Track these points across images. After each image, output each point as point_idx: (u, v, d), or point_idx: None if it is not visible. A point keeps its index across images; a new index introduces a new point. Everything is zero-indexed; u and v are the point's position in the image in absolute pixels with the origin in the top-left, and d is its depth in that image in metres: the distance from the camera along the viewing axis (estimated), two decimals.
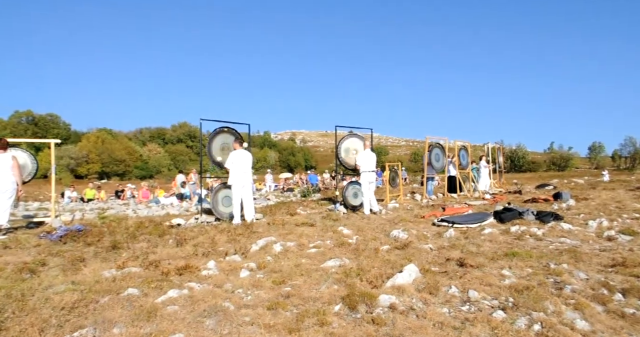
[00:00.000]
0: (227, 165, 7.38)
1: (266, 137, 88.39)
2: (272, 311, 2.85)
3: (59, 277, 3.73)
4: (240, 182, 7.27)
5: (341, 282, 3.50)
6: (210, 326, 2.59)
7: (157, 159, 58.78)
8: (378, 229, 6.47)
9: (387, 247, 4.94)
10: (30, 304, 2.89)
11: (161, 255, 4.69)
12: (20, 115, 58.32)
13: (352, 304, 2.90)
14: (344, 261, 4.23)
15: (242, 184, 7.30)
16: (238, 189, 7.27)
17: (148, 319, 2.63)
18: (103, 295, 3.14)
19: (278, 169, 57.21)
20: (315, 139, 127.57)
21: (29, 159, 7.80)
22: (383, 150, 76.23)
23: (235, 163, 7.27)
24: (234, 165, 7.27)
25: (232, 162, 7.28)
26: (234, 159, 7.29)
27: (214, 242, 5.36)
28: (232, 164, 7.28)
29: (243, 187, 7.32)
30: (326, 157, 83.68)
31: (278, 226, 6.59)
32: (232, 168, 7.28)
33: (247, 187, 7.41)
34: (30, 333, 2.36)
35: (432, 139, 12.36)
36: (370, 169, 8.72)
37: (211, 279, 3.67)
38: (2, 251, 5.03)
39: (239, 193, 7.28)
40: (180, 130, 73.71)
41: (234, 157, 7.30)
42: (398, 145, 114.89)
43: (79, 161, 49.40)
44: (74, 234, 5.73)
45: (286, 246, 5.02)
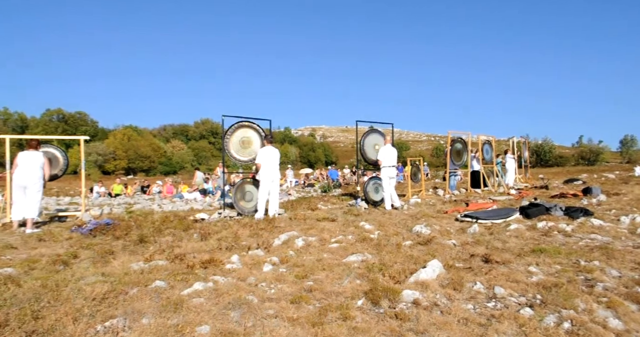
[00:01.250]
0: (257, 161, 7.54)
1: (286, 133, 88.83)
2: (295, 304, 2.88)
3: (90, 269, 3.86)
4: (269, 177, 7.41)
5: (363, 277, 3.50)
6: (234, 318, 2.64)
7: (181, 155, 59.95)
8: (400, 224, 6.42)
9: (409, 242, 4.90)
10: (64, 294, 3.00)
11: (186, 249, 4.78)
12: (52, 113, 60.51)
13: (375, 299, 2.89)
14: (366, 256, 4.22)
15: (271, 179, 7.46)
16: (267, 184, 7.41)
17: (175, 311, 2.70)
18: (132, 287, 3.23)
19: (298, 165, 57.43)
20: (336, 134, 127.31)
21: (60, 156, 8.09)
22: (404, 146, 75.41)
23: (265, 159, 7.43)
24: (264, 160, 7.43)
25: (263, 158, 7.45)
26: (264, 155, 7.47)
27: (237, 237, 5.44)
28: (261, 159, 7.45)
29: (272, 182, 7.47)
30: (346, 153, 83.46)
31: (300, 221, 6.63)
32: (262, 163, 7.44)
33: (275, 182, 7.55)
34: (64, 322, 2.46)
35: (455, 133, 12.14)
36: (391, 164, 8.66)
37: (235, 273, 3.72)
38: (37, 244, 5.25)
39: (267, 188, 7.42)
40: (202, 127, 74.90)
41: (264, 153, 7.48)
42: (419, 140, 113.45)
43: (107, 157, 50.89)
44: (103, 228, 5.92)
45: (308, 240, 5.05)
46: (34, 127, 54.56)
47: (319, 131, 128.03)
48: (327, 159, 74.80)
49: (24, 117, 59.16)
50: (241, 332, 2.42)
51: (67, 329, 2.38)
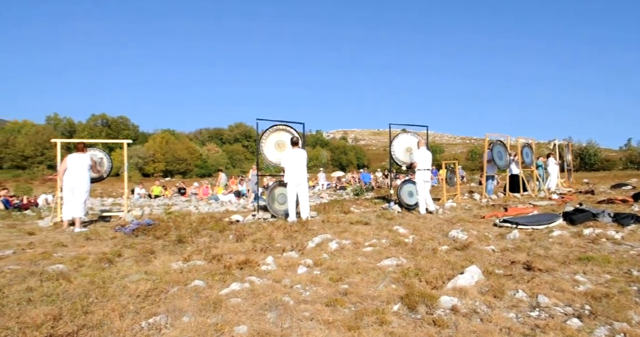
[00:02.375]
0: (282, 164, 7.54)
1: (318, 136, 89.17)
2: (330, 307, 2.88)
3: (133, 268, 4.02)
4: (295, 180, 7.39)
5: (399, 282, 3.45)
6: (271, 319, 2.67)
7: (216, 158, 61.46)
8: (435, 228, 6.30)
9: (445, 247, 4.79)
10: (110, 291, 3.15)
11: (222, 249, 4.89)
12: (96, 118, 63.70)
13: (411, 305, 2.84)
14: (401, 261, 4.17)
15: (298, 182, 7.41)
16: (293, 187, 7.39)
17: (214, 310, 2.76)
18: (172, 285, 3.34)
19: (330, 168, 57.50)
20: (368, 137, 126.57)
21: (105, 158, 8.50)
22: (438, 149, 73.91)
23: (290, 161, 7.40)
24: (289, 163, 7.41)
25: (287, 160, 7.42)
26: (288, 157, 7.43)
27: (272, 239, 5.51)
28: (286, 162, 7.43)
29: (298, 185, 7.43)
30: (378, 156, 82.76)
31: (333, 224, 6.63)
32: (287, 166, 7.42)
33: (302, 185, 7.51)
34: (112, 317, 2.58)
35: (492, 136, 11.78)
36: (426, 167, 8.50)
37: (270, 274, 3.77)
38: (85, 242, 5.53)
39: (294, 191, 7.41)
40: (236, 131, 76.50)
41: (289, 156, 7.44)
42: (454, 143, 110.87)
43: (146, 160, 52.92)
44: (144, 228, 6.16)
45: (342, 243, 5.04)
46: (81, 131, 57.59)
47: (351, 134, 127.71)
48: (358, 162, 74.48)
49: (72, 122, 62.59)
50: (278, 334, 2.44)
51: (114, 324, 2.49)
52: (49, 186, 21.49)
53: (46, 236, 6.13)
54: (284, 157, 7.55)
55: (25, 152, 50.31)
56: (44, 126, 57.58)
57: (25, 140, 51.18)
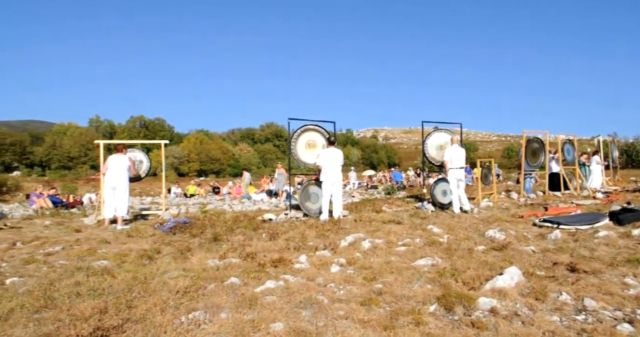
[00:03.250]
0: (318, 163, 7.59)
1: (348, 134, 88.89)
2: (365, 306, 2.86)
3: (172, 264, 4.16)
4: (330, 179, 7.42)
5: (435, 282, 3.39)
6: (306, 317, 2.69)
7: (247, 157, 62.51)
8: (471, 228, 6.13)
9: (482, 247, 4.66)
10: (151, 286, 3.27)
11: (256, 248, 4.97)
12: (135, 120, 66.34)
13: (448, 305, 2.79)
14: (436, 260, 4.09)
15: (333, 181, 7.45)
16: (328, 186, 7.43)
17: (250, 307, 2.81)
18: (209, 282, 3.43)
19: (361, 167, 57.17)
20: (399, 135, 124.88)
21: (144, 159, 8.84)
22: (472, 146, 71.91)
23: (325, 160, 7.44)
24: (325, 162, 7.45)
25: (324, 159, 7.47)
26: (324, 156, 7.48)
27: (304, 237, 5.54)
28: (322, 161, 7.47)
29: (333, 184, 7.47)
30: (410, 154, 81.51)
31: (365, 223, 6.59)
32: (323, 165, 7.47)
33: (337, 184, 7.54)
34: (154, 312, 2.68)
35: (530, 132, 11.33)
36: (459, 165, 8.29)
37: (304, 273, 3.79)
38: (126, 239, 5.77)
39: (329, 190, 7.44)
40: (268, 130, 77.48)
41: (325, 155, 7.48)
42: (489, 141, 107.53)
43: (181, 160, 54.57)
44: (181, 226, 6.35)
45: (374, 242, 5.00)
46: (120, 133, 60.11)
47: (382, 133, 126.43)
48: (389, 160, 73.65)
49: (112, 124, 65.50)
50: (313, 332, 2.46)
51: (156, 318, 2.59)
52: (92, 185, 22.60)
53: (91, 233, 6.44)
54: (320, 156, 7.59)
55: (70, 153, 53.13)
56: (87, 128, 60.62)
57: (71, 142, 54.04)
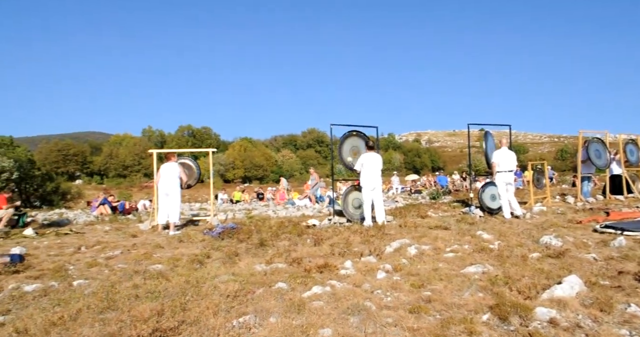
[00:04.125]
0: (357, 168, 7.55)
1: (390, 139, 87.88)
2: (414, 314, 2.81)
3: (221, 269, 4.29)
4: (370, 185, 7.34)
5: (486, 290, 3.26)
6: (354, 323, 2.68)
7: (290, 163, 63.45)
8: (523, 234, 5.84)
9: (536, 254, 4.43)
10: (203, 290, 3.40)
11: (302, 253, 5.02)
12: (183, 129, 69.52)
13: (502, 315, 2.67)
14: (487, 268, 3.94)
15: (373, 186, 7.36)
16: (368, 191, 7.36)
17: (298, 312, 2.85)
18: (258, 286, 3.50)
19: (404, 171, 56.25)
20: (442, 139, 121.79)
21: (194, 166, 9.23)
22: (522, 148, 68.69)
23: (365, 165, 7.38)
24: (364, 167, 7.39)
25: (362, 165, 7.41)
26: (364, 161, 7.41)
27: (349, 243, 5.52)
28: (362, 166, 7.42)
29: (373, 190, 7.38)
30: (454, 158, 79.12)
31: (410, 229, 6.47)
32: (362, 170, 7.42)
33: (377, 190, 7.45)
34: (206, 315, 2.78)
35: (587, 133, 10.66)
36: (508, 168, 7.94)
37: (350, 279, 3.78)
38: (178, 244, 6.03)
39: (369, 195, 7.36)
40: (309, 136, 78.29)
41: (364, 160, 7.42)
42: (540, 142, 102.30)
43: (227, 167, 56.32)
44: (229, 232, 6.55)
45: (421, 249, 4.90)
46: (170, 142, 63.15)
47: (424, 136, 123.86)
48: (433, 164, 71.94)
49: (163, 133, 69.07)
50: None
51: (209, 321, 2.68)
52: (145, 192, 23.84)
53: (146, 238, 6.80)
54: (359, 161, 7.55)
55: (125, 161, 56.50)
56: (140, 138, 64.28)
57: (126, 151, 57.48)
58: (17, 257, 4.76)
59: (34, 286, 3.73)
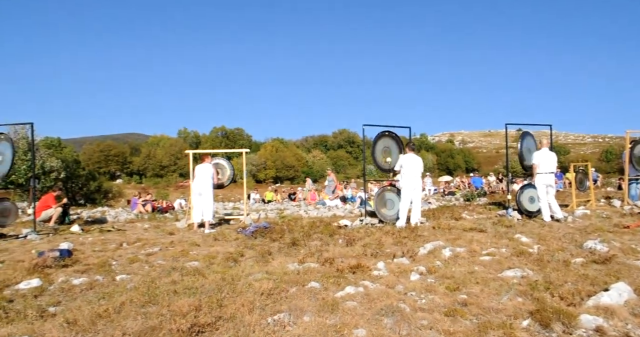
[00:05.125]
0: (397, 169, 7.52)
1: (423, 139, 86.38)
2: (450, 317, 2.76)
3: (255, 267, 4.37)
4: (411, 185, 7.30)
5: (526, 295, 3.15)
6: (388, 325, 2.66)
7: (320, 164, 63.58)
8: (565, 238, 5.60)
9: (580, 259, 4.23)
10: (238, 287, 3.47)
11: (333, 253, 5.02)
12: (217, 130, 71.23)
13: (544, 321, 2.57)
14: (527, 272, 3.80)
15: (413, 187, 7.32)
16: (408, 192, 7.31)
17: (332, 312, 2.86)
18: (291, 285, 3.54)
19: (436, 172, 55.15)
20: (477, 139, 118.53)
21: (228, 167, 9.44)
22: (563, 149, 65.74)
23: (405, 166, 7.35)
24: (404, 168, 7.36)
25: (402, 166, 7.39)
26: (404, 163, 7.39)
27: (381, 244, 5.48)
28: (402, 167, 7.39)
29: (414, 190, 7.33)
30: (490, 159, 76.79)
31: (444, 231, 6.35)
32: (402, 171, 7.39)
33: (417, 191, 7.40)
34: (242, 312, 2.84)
35: (635, 133, 10.07)
36: (549, 170, 7.63)
37: (382, 280, 3.76)
38: (213, 242, 6.19)
39: (408, 196, 7.31)
40: (340, 137, 78.20)
41: (404, 161, 7.40)
42: (582, 143, 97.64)
43: (259, 167, 57.19)
44: (262, 231, 6.65)
45: (455, 251, 4.79)
46: (204, 143, 64.86)
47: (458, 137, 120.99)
48: (467, 165, 70.12)
49: (198, 134, 71.03)
50: None
51: (245, 318, 2.74)
52: (181, 192, 24.61)
53: (183, 235, 7.02)
54: (399, 162, 7.52)
55: (162, 162, 58.54)
56: (176, 139, 66.38)
57: (162, 152, 59.56)
58: (65, 252, 5.03)
59: (81, 280, 3.94)
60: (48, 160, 15.88)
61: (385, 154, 8.13)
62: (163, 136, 67.41)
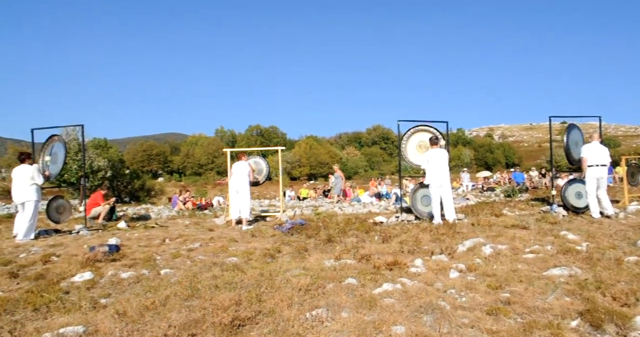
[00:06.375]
0: (423, 165, 7.35)
1: (460, 134, 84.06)
2: (492, 316, 2.68)
3: (292, 263, 4.43)
4: (438, 182, 7.10)
5: (574, 295, 3.01)
6: (428, 322, 2.62)
7: (355, 161, 63.34)
8: (616, 235, 5.29)
9: (634, 258, 3.99)
10: (276, 283, 3.53)
11: (370, 250, 5.00)
12: (252, 129, 72.57)
13: (595, 322, 2.45)
14: (574, 271, 3.63)
15: (440, 183, 7.11)
16: (436, 188, 7.11)
17: (370, 308, 2.85)
18: (328, 281, 3.56)
19: (474, 168, 53.55)
20: (518, 133, 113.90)
21: (264, 165, 9.60)
22: (612, 142, 61.95)
23: (430, 161, 7.16)
24: (429, 164, 7.17)
25: (428, 161, 7.19)
26: (429, 158, 7.19)
27: (418, 241, 5.40)
28: (427, 162, 7.20)
29: (441, 187, 7.12)
30: (532, 153, 73.62)
31: (484, 227, 6.15)
32: (428, 167, 7.20)
33: (445, 186, 7.17)
34: (281, 306, 2.89)
35: None
36: (601, 163, 7.20)
37: (420, 277, 3.70)
38: (250, 238, 6.33)
39: (437, 192, 7.12)
40: (374, 133, 77.55)
41: (430, 156, 7.20)
42: (634, 135, 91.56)
43: (293, 165, 57.75)
44: (298, 227, 6.72)
45: (497, 248, 4.64)
46: (240, 141, 66.29)
47: (497, 131, 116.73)
48: (507, 160, 67.58)
49: (234, 133, 72.66)
50: None
51: (283, 313, 2.79)
52: (219, 189, 25.30)
53: (221, 232, 7.22)
54: (424, 157, 7.33)
55: (200, 160, 60.40)
56: (213, 138, 68.24)
57: (201, 151, 61.45)
58: (114, 247, 5.31)
59: (129, 274, 4.14)
60: (96, 160, 16.75)
61: (421, 149, 7.98)
62: (201, 135, 69.54)
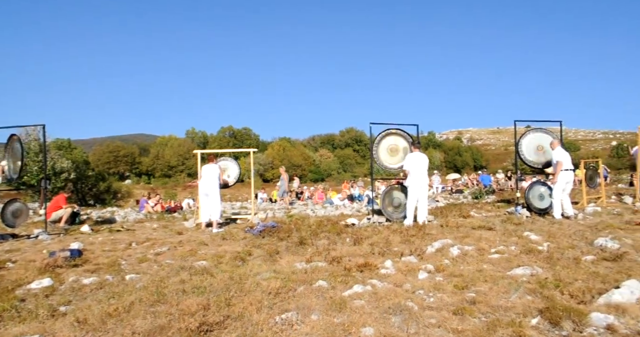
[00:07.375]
0: (406, 168, 7.47)
1: (430, 137, 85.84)
2: (458, 315, 2.74)
3: (263, 266, 4.38)
4: (418, 184, 7.26)
5: (535, 293, 3.13)
6: (396, 323, 2.65)
7: (328, 163, 63.55)
8: (575, 235, 5.53)
9: (591, 257, 4.19)
10: (246, 286, 3.49)
11: (341, 252, 5.02)
12: (224, 130, 71.47)
13: (553, 319, 2.55)
14: (536, 270, 3.77)
15: (420, 186, 7.28)
16: (415, 191, 7.26)
17: (340, 310, 2.86)
18: (299, 284, 3.55)
19: (444, 170, 54.81)
20: (485, 136, 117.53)
21: (235, 167, 9.47)
22: (573, 146, 64.90)
23: (413, 164, 7.31)
24: (412, 166, 7.32)
25: (411, 164, 7.35)
26: (412, 161, 7.35)
27: (389, 242, 5.47)
28: (409, 165, 7.36)
29: (421, 189, 7.29)
30: (498, 156, 76.10)
31: (452, 229, 6.31)
32: (411, 170, 7.35)
33: (423, 189, 7.35)
34: (250, 311, 2.85)
35: None
36: (571, 167, 7.62)
37: (390, 278, 3.75)
38: (221, 241, 6.22)
39: (415, 194, 7.27)
40: (347, 135, 78.02)
41: (412, 159, 7.36)
42: (593, 139, 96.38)
43: (266, 167, 57.31)
44: (269, 230, 6.66)
45: (464, 249, 4.77)
46: (212, 142, 65.12)
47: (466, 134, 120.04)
48: (475, 163, 69.57)
49: (205, 134, 71.32)
50: None
51: (252, 317, 2.75)
52: (189, 192, 24.78)
53: (191, 235, 7.07)
54: (406, 161, 7.48)
55: (170, 162, 58.94)
56: (184, 139, 66.74)
57: (171, 152, 59.94)
58: (76, 252, 5.10)
59: (91, 279, 3.99)
60: (59, 161, 16.07)
61: (392, 152, 8.09)
62: (171, 137, 67.77)
